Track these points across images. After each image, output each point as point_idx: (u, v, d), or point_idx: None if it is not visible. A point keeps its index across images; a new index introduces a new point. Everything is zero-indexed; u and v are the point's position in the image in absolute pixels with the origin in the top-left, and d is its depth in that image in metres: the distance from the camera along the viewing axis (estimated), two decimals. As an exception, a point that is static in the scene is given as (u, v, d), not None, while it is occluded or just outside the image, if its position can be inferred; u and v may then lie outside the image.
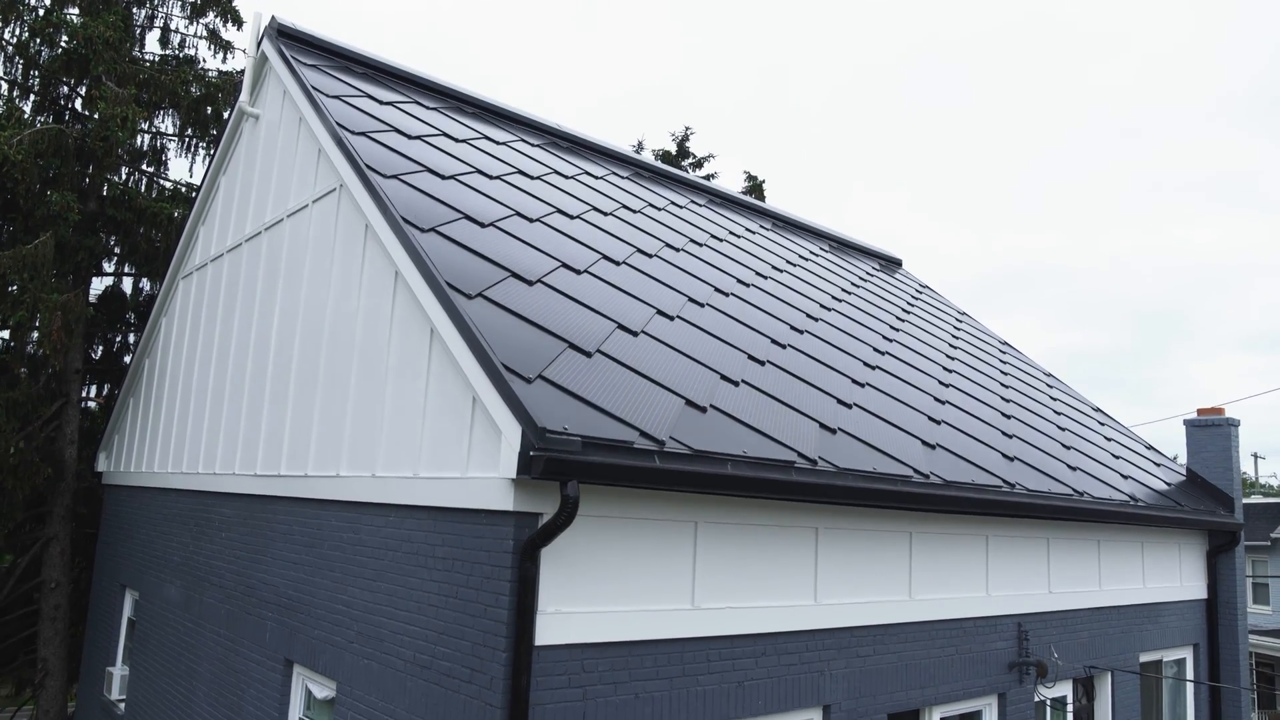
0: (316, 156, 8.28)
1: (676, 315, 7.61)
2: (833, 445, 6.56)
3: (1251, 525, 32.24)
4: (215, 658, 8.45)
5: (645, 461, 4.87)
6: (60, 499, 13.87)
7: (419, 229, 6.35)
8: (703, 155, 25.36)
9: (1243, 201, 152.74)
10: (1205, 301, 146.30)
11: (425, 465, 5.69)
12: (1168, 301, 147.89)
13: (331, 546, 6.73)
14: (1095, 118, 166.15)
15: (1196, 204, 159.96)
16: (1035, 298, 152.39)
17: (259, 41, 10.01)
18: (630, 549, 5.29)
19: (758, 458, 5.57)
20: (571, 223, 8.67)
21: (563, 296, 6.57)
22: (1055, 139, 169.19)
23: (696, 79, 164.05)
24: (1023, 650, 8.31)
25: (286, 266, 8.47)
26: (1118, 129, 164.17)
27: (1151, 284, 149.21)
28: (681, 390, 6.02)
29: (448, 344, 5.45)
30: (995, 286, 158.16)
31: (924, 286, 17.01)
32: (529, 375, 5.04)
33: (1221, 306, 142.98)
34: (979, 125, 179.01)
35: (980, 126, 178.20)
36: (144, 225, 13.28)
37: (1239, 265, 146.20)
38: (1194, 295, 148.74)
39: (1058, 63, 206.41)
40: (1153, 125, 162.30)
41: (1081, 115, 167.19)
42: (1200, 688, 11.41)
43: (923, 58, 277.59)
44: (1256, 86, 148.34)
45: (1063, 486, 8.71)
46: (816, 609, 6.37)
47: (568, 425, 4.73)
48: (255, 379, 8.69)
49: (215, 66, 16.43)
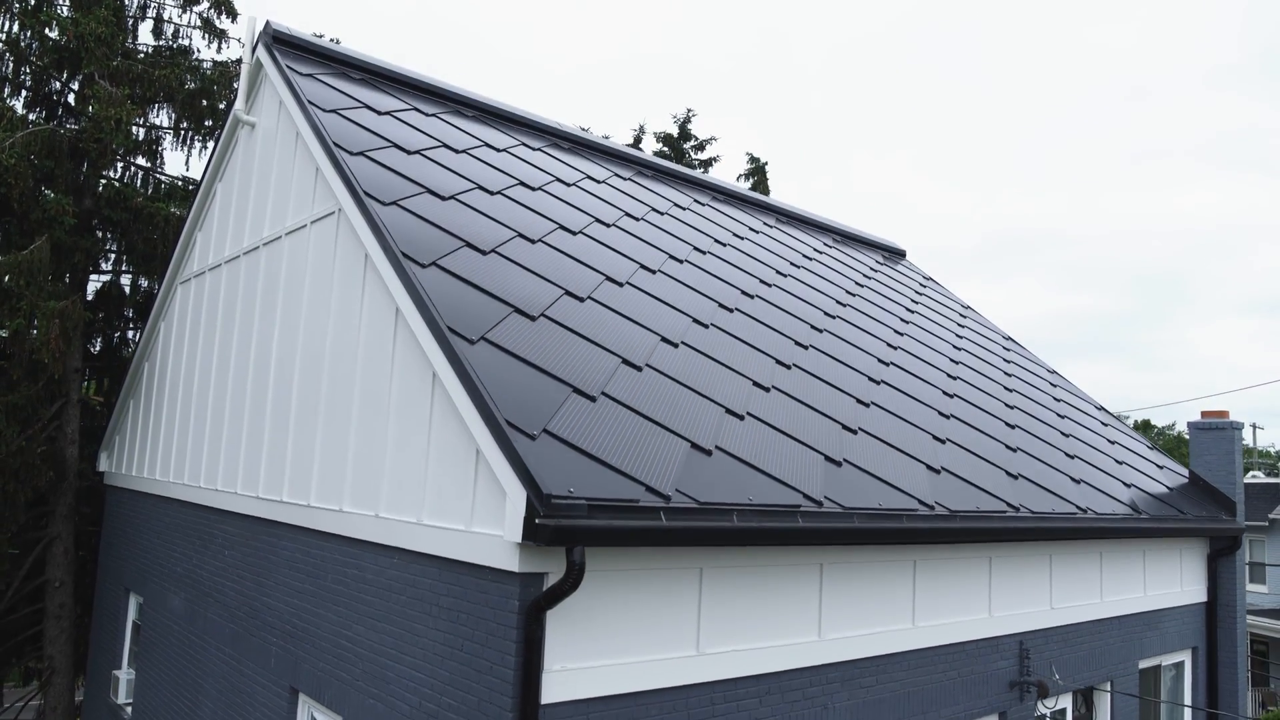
0: (314, 176, 8.15)
1: (681, 341, 7.53)
2: (838, 480, 6.52)
3: (1250, 505, 32.39)
4: (220, 675, 8.49)
5: (651, 521, 4.84)
6: (62, 498, 13.89)
7: (419, 264, 6.25)
8: (705, 138, 25.10)
9: (1246, 164, 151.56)
10: (1207, 265, 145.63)
11: (429, 513, 5.66)
12: (1168, 265, 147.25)
13: (335, 580, 6.72)
14: (1100, 79, 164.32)
15: (1199, 167, 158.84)
16: (1036, 261, 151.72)
17: (254, 47, 9.81)
18: (636, 599, 5.28)
19: (762, 505, 5.53)
20: (573, 240, 8.56)
21: (566, 331, 6.49)
22: (1059, 101, 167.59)
23: (695, 40, 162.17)
24: (1024, 669, 8.35)
25: (286, 287, 8.37)
26: (1123, 90, 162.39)
27: (1152, 247, 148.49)
28: (687, 432, 5.97)
29: (450, 393, 5.39)
30: (996, 249, 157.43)
31: (928, 279, 16.89)
32: (533, 431, 4.98)
33: (1223, 270, 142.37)
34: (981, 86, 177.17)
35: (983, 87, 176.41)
36: (140, 225, 13.13)
37: (1241, 228, 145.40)
38: (1195, 259, 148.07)
39: (1061, 22, 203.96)
40: (1160, 86, 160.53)
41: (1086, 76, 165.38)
42: (1198, 690, 11.51)
43: (924, 17, 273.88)
44: (1262, 47, 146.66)
45: (1066, 504, 8.69)
46: (820, 644, 6.37)
47: (573, 487, 4.68)
48: (256, 400, 8.63)
49: (210, 56, 16.19)
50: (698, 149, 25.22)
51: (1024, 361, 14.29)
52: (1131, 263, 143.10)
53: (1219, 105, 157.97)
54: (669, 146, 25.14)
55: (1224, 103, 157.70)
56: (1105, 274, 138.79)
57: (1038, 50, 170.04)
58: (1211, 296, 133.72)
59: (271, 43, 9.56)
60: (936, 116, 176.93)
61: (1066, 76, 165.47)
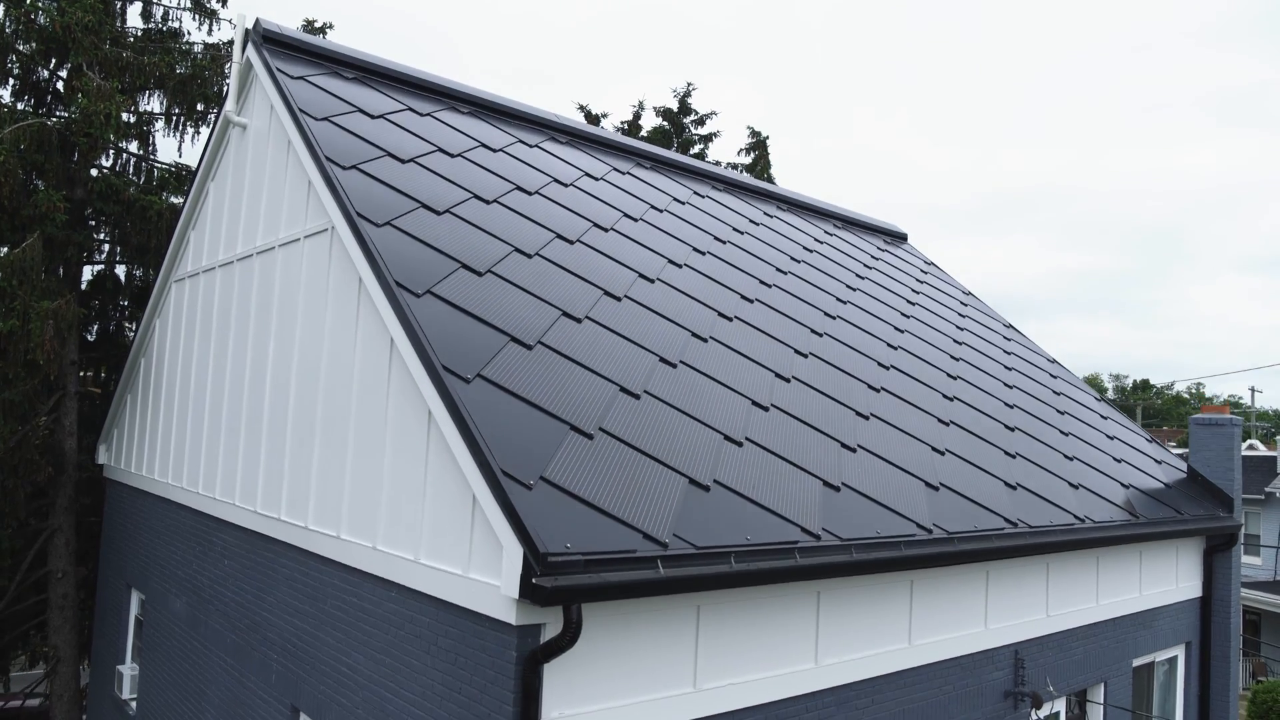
0: (307, 190, 8.01)
1: (679, 360, 7.47)
2: (836, 508, 6.51)
3: (1247, 478, 32.57)
4: (223, 685, 8.57)
5: (648, 572, 4.83)
6: (62, 490, 13.93)
7: (414, 294, 6.17)
8: (704, 112, 24.75)
9: (1248, 120, 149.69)
10: (1208, 223, 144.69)
11: (426, 552, 5.65)
12: (1169, 223, 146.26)
13: (335, 605, 6.74)
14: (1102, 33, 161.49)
15: (1201, 123, 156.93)
16: (1036, 219, 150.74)
17: (243, 46, 9.60)
18: (633, 640, 5.29)
19: (759, 545, 5.52)
20: (570, 250, 8.45)
21: (563, 359, 6.42)
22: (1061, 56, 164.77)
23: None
24: (1019, 679, 8.42)
25: (280, 300, 8.28)
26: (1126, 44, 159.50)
27: (1153, 205, 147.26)
28: (685, 467, 5.93)
29: (445, 436, 5.34)
30: (996, 206, 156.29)
31: (929, 265, 16.76)
32: (529, 481, 4.95)
33: (1224, 228, 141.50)
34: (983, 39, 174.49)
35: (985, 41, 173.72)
36: (133, 218, 12.98)
37: (1242, 185, 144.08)
38: (1196, 216, 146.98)
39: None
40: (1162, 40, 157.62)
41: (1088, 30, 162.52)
42: (1190, 683, 11.64)
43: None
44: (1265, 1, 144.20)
45: (1064, 514, 8.70)
46: (817, 671, 6.41)
47: (570, 541, 4.66)
48: (252, 412, 8.59)
49: (201, 39, 15.86)
50: (698, 123, 24.89)
51: (1024, 352, 14.23)
52: (1132, 220, 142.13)
53: (1220, 62, 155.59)
54: (668, 121, 24.82)
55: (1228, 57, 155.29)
56: (1105, 232, 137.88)
57: (1040, 5, 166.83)
58: (1212, 254, 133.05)
59: (261, 42, 9.35)
60: (938, 73, 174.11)
61: (1070, 29, 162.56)
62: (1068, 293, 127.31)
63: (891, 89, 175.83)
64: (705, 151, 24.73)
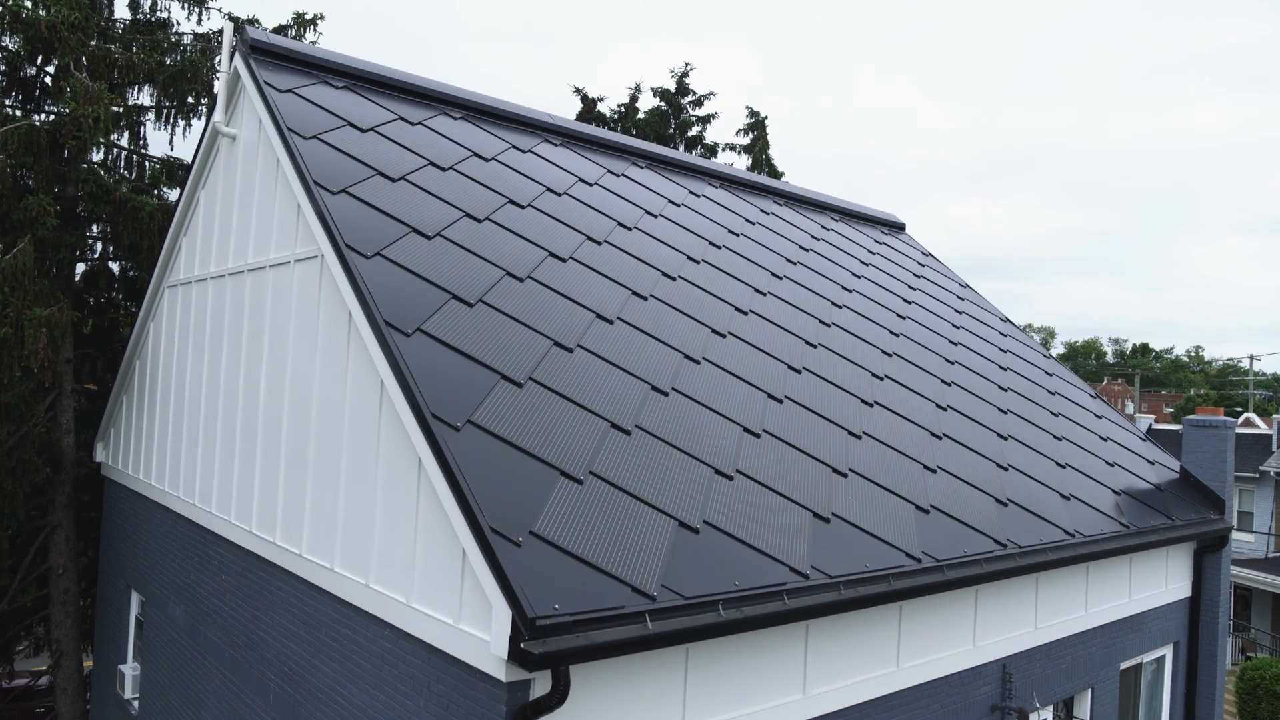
0: (296, 213, 7.96)
1: (671, 388, 7.47)
2: (825, 542, 6.55)
3: (1242, 456, 32.74)
4: (222, 697, 8.70)
5: (637, 629, 4.88)
6: (61, 487, 14.00)
7: (403, 333, 6.16)
8: (703, 93, 24.46)
9: (1250, 82, 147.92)
10: (1209, 185, 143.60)
11: (418, 596, 5.70)
12: (1170, 184, 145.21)
13: (329, 635, 6.81)
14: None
15: (1204, 85, 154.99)
16: (1038, 179, 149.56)
17: (230, 56, 9.46)
18: (622, 687, 5.36)
19: (748, 591, 5.57)
20: (563, 269, 8.41)
21: (554, 396, 6.43)
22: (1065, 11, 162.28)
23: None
24: (1006, 693, 8.55)
25: (272, 324, 8.26)
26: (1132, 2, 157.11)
27: (1155, 166, 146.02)
28: (675, 509, 5.97)
29: (435, 488, 5.37)
30: (999, 166, 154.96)
31: (926, 256, 16.69)
32: (518, 537, 4.98)
33: (1225, 190, 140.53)
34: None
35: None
36: (124, 219, 12.89)
37: (1243, 146, 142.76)
38: (1197, 178, 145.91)
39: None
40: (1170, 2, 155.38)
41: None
42: (1177, 683, 11.82)
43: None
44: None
45: (1055, 530, 8.76)
46: (805, 701, 6.50)
47: (558, 602, 4.71)
48: (246, 432, 8.61)
49: (190, 29, 15.62)
50: (695, 104, 24.61)
51: (1020, 349, 14.23)
52: (1133, 181, 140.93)
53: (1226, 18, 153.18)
54: (666, 102, 24.54)
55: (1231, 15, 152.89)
56: (1107, 192, 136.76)
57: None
58: (1213, 216, 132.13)
59: (249, 52, 9.22)
60: (939, 30, 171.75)
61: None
62: (1068, 252, 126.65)
63: (892, 46, 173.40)
64: (703, 133, 24.49)
